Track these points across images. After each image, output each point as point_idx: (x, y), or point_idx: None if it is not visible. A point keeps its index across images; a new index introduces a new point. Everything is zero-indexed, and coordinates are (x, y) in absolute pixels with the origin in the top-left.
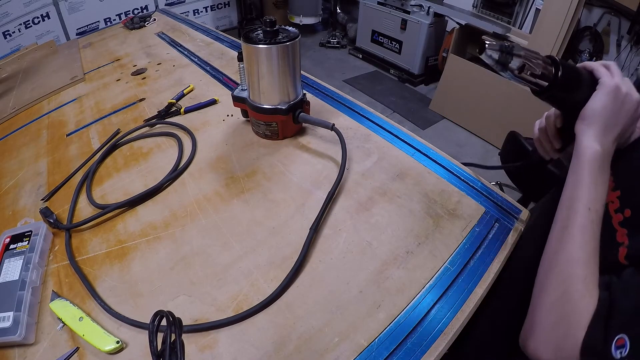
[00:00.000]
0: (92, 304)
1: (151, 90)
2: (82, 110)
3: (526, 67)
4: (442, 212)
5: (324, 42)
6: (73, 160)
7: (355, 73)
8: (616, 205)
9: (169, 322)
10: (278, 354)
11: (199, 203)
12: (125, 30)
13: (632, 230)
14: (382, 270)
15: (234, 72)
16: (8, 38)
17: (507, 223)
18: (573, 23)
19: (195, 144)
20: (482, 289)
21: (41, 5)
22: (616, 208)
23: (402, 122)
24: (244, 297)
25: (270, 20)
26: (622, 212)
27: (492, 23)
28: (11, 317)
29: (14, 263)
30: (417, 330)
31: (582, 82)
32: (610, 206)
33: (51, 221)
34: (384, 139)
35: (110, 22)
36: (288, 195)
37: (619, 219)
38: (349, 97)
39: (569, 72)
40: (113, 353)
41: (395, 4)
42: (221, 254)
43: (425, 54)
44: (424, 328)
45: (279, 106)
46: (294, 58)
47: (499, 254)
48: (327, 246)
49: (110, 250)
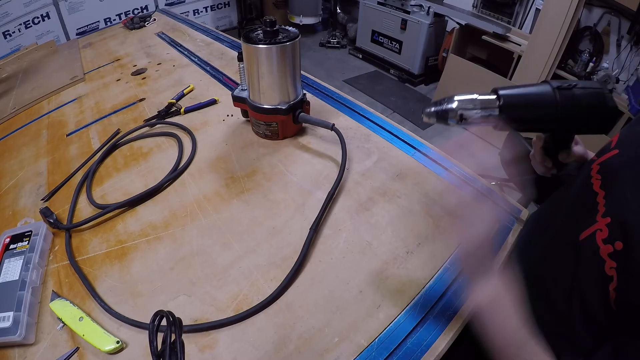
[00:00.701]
0: (92, 304)
1: (151, 90)
2: (82, 110)
3: (464, 116)
4: (442, 212)
5: (324, 42)
6: (73, 160)
7: (355, 73)
8: (605, 235)
9: (169, 322)
10: (278, 354)
11: (199, 203)
12: (125, 30)
13: (621, 264)
14: (382, 270)
15: (234, 72)
16: (8, 38)
17: (507, 223)
18: (573, 23)
19: (195, 144)
20: None
21: (41, 5)
22: (604, 238)
23: (402, 122)
24: (244, 297)
25: (270, 20)
26: (612, 244)
27: (492, 23)
28: (11, 317)
29: (14, 263)
30: (417, 330)
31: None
32: (598, 235)
33: (51, 221)
34: (384, 139)
35: (110, 22)
36: (288, 195)
37: (609, 250)
38: (349, 97)
39: (512, 97)
40: (113, 353)
41: (395, 4)
42: (221, 254)
43: (425, 54)
44: (424, 328)
45: (279, 106)
46: (294, 58)
47: (498, 254)
48: (327, 246)
49: (110, 250)
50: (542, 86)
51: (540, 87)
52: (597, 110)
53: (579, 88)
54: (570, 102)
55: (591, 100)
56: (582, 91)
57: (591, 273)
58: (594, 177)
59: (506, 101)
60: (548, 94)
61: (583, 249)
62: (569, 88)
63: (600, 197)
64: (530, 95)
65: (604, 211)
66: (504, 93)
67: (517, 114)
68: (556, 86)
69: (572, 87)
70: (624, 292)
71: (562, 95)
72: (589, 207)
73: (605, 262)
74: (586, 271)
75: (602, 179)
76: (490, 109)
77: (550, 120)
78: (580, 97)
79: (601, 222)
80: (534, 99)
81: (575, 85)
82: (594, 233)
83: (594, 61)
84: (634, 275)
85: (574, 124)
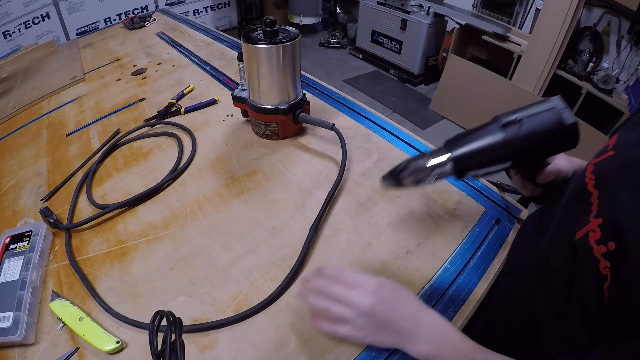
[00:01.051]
0: (92, 304)
1: (151, 90)
2: (82, 110)
3: (418, 177)
4: (442, 212)
5: (324, 42)
6: (73, 160)
7: (355, 73)
8: (597, 236)
9: (169, 322)
10: (278, 354)
11: (199, 203)
12: (125, 30)
13: (615, 265)
14: (382, 270)
15: (234, 72)
16: (8, 38)
17: (507, 223)
18: (573, 23)
19: (195, 144)
20: (482, 289)
21: (41, 5)
22: (597, 239)
23: (402, 122)
24: (244, 297)
25: (270, 20)
26: (605, 244)
27: (492, 23)
28: (11, 317)
29: (14, 263)
30: None
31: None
32: (591, 235)
33: (51, 221)
34: (384, 139)
35: (110, 22)
36: (288, 195)
37: (602, 251)
38: (349, 97)
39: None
40: (113, 353)
41: (395, 4)
42: (221, 254)
43: (425, 54)
44: None
45: (279, 106)
46: (294, 58)
47: (499, 254)
48: (327, 246)
49: (110, 250)
50: (490, 127)
51: (489, 128)
52: (553, 133)
53: (528, 117)
54: (520, 136)
55: (545, 124)
56: (531, 120)
57: (587, 273)
58: (588, 177)
59: (457, 157)
60: (496, 136)
61: (578, 249)
62: (515, 122)
63: (594, 197)
64: (478, 139)
65: (596, 211)
66: (455, 154)
67: (472, 164)
68: (503, 123)
69: (518, 121)
70: (617, 292)
71: (510, 133)
72: (583, 207)
73: (599, 262)
74: (582, 271)
75: (595, 179)
76: (443, 167)
77: (505, 159)
78: (530, 127)
79: (594, 222)
80: (483, 145)
81: (522, 118)
82: (587, 234)
83: (594, 61)
84: (627, 276)
85: (532, 153)
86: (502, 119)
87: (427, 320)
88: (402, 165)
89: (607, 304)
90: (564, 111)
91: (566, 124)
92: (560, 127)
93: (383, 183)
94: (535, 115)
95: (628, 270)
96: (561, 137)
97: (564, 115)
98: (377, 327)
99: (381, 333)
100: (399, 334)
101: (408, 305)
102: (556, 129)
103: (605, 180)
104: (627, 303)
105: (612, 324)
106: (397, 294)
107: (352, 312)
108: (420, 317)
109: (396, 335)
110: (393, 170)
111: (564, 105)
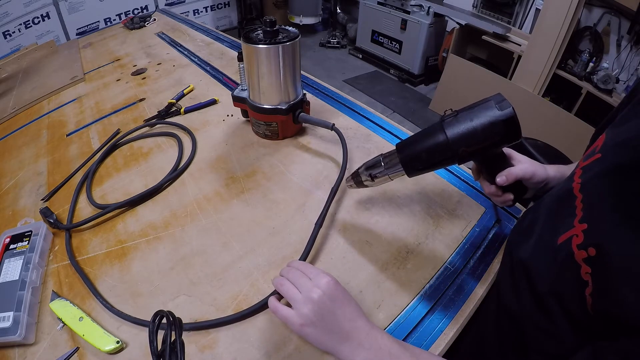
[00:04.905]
0: (92, 304)
1: (151, 90)
2: (82, 110)
3: (373, 174)
4: (442, 212)
5: (324, 42)
6: (73, 160)
7: (355, 73)
8: (580, 240)
9: (169, 321)
10: (278, 354)
11: (199, 203)
12: (125, 30)
13: (595, 271)
14: (382, 270)
15: (234, 72)
16: (8, 38)
17: (507, 223)
18: (573, 23)
19: (195, 144)
20: (482, 289)
21: (41, 5)
22: (579, 243)
23: (402, 122)
24: (244, 297)
25: (270, 20)
26: (585, 249)
27: (492, 23)
28: (11, 317)
29: (14, 263)
30: (417, 330)
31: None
32: (574, 240)
33: (51, 221)
34: (384, 139)
35: (110, 22)
36: (288, 195)
37: (583, 256)
38: (349, 97)
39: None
40: (113, 353)
41: (395, 4)
42: (221, 254)
43: (425, 54)
44: (423, 328)
45: (279, 106)
46: (294, 58)
47: (499, 254)
48: (327, 246)
49: (110, 250)
50: (434, 123)
51: (433, 124)
52: (491, 123)
53: (465, 109)
54: (457, 125)
55: (480, 115)
56: (468, 111)
57: (569, 277)
58: (576, 181)
59: (399, 145)
60: (434, 127)
61: (560, 252)
62: (452, 115)
63: (578, 200)
64: (420, 133)
65: (581, 216)
66: (399, 144)
67: (414, 154)
68: (442, 117)
69: (456, 114)
70: (598, 298)
71: (447, 123)
72: (568, 210)
73: (580, 267)
74: (564, 275)
75: (582, 183)
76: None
77: (444, 148)
78: (467, 117)
79: (578, 227)
80: (423, 134)
81: (459, 111)
82: (570, 238)
83: (594, 61)
84: (607, 285)
85: (470, 142)
86: (445, 116)
87: (367, 328)
88: (360, 166)
89: (589, 310)
90: (501, 103)
91: (503, 112)
92: (494, 117)
93: (347, 183)
94: (471, 107)
95: (609, 278)
96: (498, 127)
97: (500, 105)
98: (318, 318)
99: (319, 328)
100: (337, 332)
101: (352, 310)
102: (491, 119)
103: (590, 185)
104: (608, 311)
105: (596, 327)
106: (347, 296)
107: (300, 296)
108: (361, 323)
109: (334, 335)
110: (350, 182)
111: (502, 98)
